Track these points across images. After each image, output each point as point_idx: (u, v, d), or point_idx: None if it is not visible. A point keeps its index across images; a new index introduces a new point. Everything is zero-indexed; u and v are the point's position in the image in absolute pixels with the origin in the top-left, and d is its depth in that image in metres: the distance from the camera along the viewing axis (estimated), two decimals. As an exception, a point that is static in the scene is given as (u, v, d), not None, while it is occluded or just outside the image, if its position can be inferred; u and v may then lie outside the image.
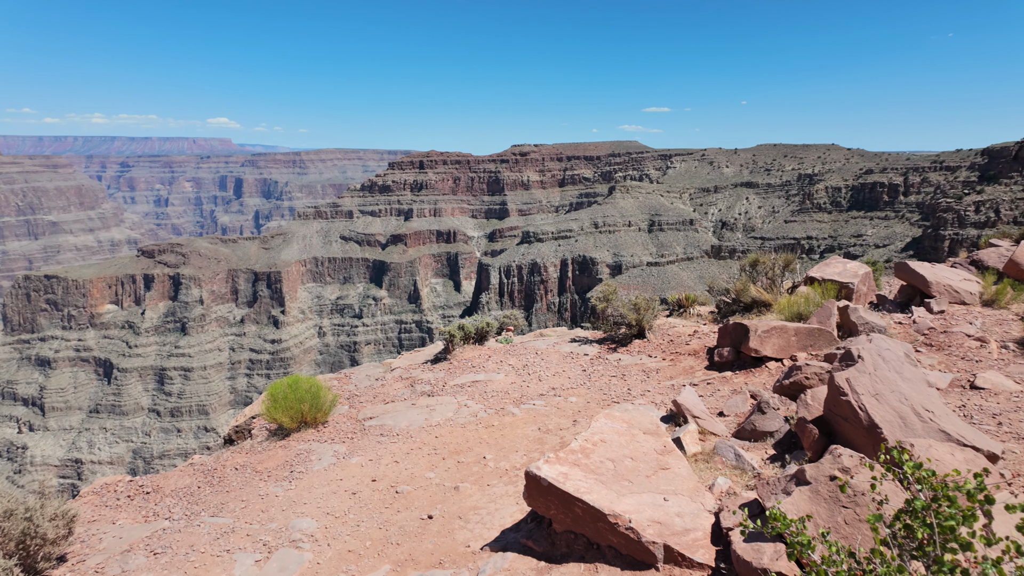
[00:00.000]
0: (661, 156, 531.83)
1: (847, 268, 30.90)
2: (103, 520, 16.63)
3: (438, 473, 17.20)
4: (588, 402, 21.21)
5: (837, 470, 10.10)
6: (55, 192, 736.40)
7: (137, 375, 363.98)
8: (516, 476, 16.31)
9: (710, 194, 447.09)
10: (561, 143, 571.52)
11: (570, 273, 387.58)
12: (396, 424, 21.26)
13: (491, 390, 23.84)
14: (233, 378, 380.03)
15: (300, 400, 20.78)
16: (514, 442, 18.46)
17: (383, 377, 28.14)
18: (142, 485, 18.89)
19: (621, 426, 14.78)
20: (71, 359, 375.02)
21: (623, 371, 24.18)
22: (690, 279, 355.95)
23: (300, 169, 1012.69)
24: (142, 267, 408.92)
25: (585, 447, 13.65)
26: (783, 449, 14.80)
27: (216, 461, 20.05)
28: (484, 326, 29.85)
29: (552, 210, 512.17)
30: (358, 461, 18.65)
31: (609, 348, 27.56)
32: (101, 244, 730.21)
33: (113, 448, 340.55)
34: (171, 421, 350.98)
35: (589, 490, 12.09)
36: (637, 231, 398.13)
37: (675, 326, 29.44)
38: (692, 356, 24.70)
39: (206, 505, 16.96)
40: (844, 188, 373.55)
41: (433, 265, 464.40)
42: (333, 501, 16.30)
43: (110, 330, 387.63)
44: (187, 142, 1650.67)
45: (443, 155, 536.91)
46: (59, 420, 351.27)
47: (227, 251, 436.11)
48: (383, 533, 14.52)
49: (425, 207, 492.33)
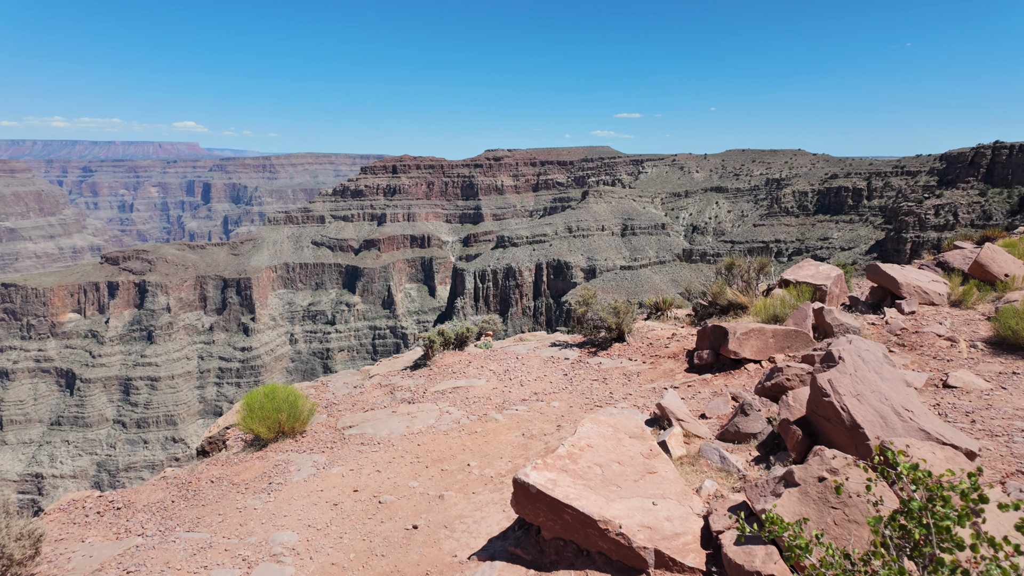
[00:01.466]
0: (633, 161, 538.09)
1: (819, 270, 31.54)
2: (71, 538, 15.95)
3: (421, 482, 16.94)
4: (571, 406, 21.17)
5: (825, 471, 10.20)
6: (12, 198, 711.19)
7: (101, 385, 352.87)
8: (502, 483, 16.15)
9: (681, 199, 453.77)
10: (535, 148, 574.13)
11: (545, 277, 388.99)
12: (377, 432, 20.91)
13: (473, 396, 23.64)
14: (202, 387, 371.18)
15: (277, 409, 20.29)
16: (498, 448, 18.29)
17: (361, 385, 27.70)
18: (112, 500, 18.18)
19: (607, 430, 14.75)
20: (31, 370, 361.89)
21: (604, 375, 24.22)
22: (663, 282, 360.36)
23: (270, 174, 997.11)
24: (106, 274, 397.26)
25: (572, 452, 13.57)
26: (767, 450, 14.95)
27: (190, 474, 19.42)
28: (464, 331, 29.63)
29: (526, 215, 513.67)
30: (339, 471, 18.27)
31: (589, 352, 27.61)
32: (62, 251, 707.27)
33: (76, 461, 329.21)
34: (137, 432, 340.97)
35: (578, 496, 12.01)
36: (610, 235, 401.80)
37: (653, 329, 29.64)
38: (672, 359, 24.88)
39: (181, 520, 16.40)
40: (811, 192, 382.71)
41: (407, 270, 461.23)
42: (314, 513, 15.91)
43: (72, 339, 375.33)
44: (153, 146, 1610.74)
45: (416, 159, 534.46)
46: (18, 433, 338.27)
47: (195, 257, 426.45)
48: (367, 545, 14.22)
49: (399, 212, 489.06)
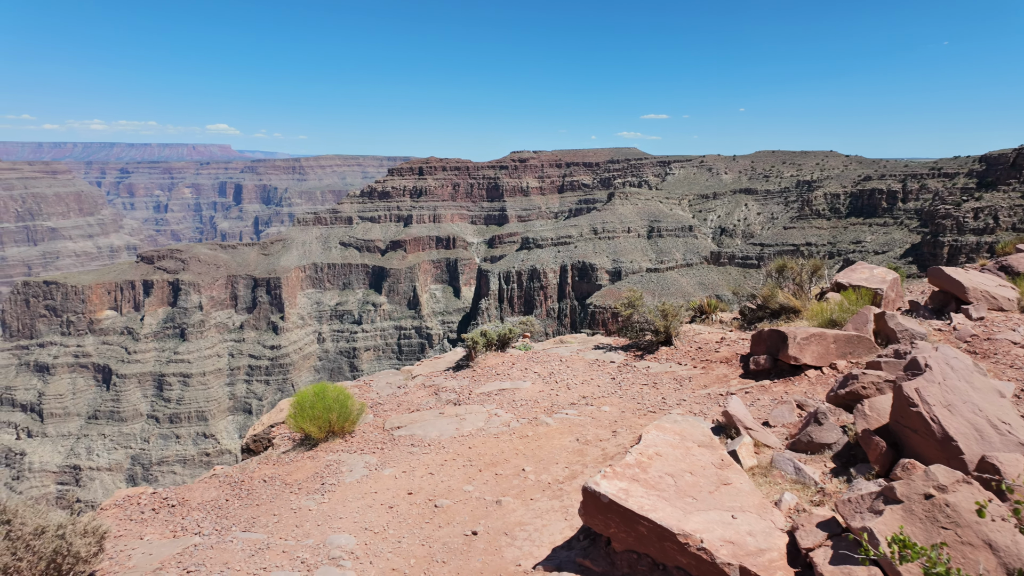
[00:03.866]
0: (660, 163, 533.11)
1: (874, 274, 30.41)
2: (130, 535, 15.97)
3: (476, 486, 16.59)
4: (623, 411, 20.62)
5: (932, 488, 9.52)
6: (54, 198, 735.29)
7: (136, 381, 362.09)
8: (560, 490, 15.71)
9: (709, 200, 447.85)
10: (560, 149, 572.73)
11: (569, 279, 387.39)
12: (426, 434, 20.65)
13: (519, 399, 23.23)
14: (232, 384, 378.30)
15: (327, 409, 20.16)
16: (552, 453, 17.85)
17: (405, 385, 27.51)
18: (166, 498, 18.22)
19: (674, 438, 14.20)
20: (70, 365, 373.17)
21: (654, 379, 23.61)
22: (690, 285, 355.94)
23: (300, 175, 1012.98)
24: (141, 273, 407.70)
25: (641, 461, 13.05)
26: (843, 462, 14.23)
27: (242, 472, 19.39)
28: (507, 332, 29.27)
29: (551, 216, 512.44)
30: (391, 473, 18.03)
31: (635, 355, 26.99)
32: (100, 250, 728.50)
33: (112, 454, 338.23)
34: (170, 427, 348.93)
35: (654, 507, 11.50)
36: (636, 237, 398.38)
37: (700, 333, 28.89)
38: (724, 364, 24.14)
39: (236, 519, 16.32)
40: (843, 195, 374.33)
41: (432, 271, 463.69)
42: (370, 515, 15.67)
43: (109, 336, 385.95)
44: (187, 148, 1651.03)
45: (442, 161, 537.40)
46: (57, 426, 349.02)
47: (226, 257, 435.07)
48: (427, 550, 13.90)
49: (424, 213, 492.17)
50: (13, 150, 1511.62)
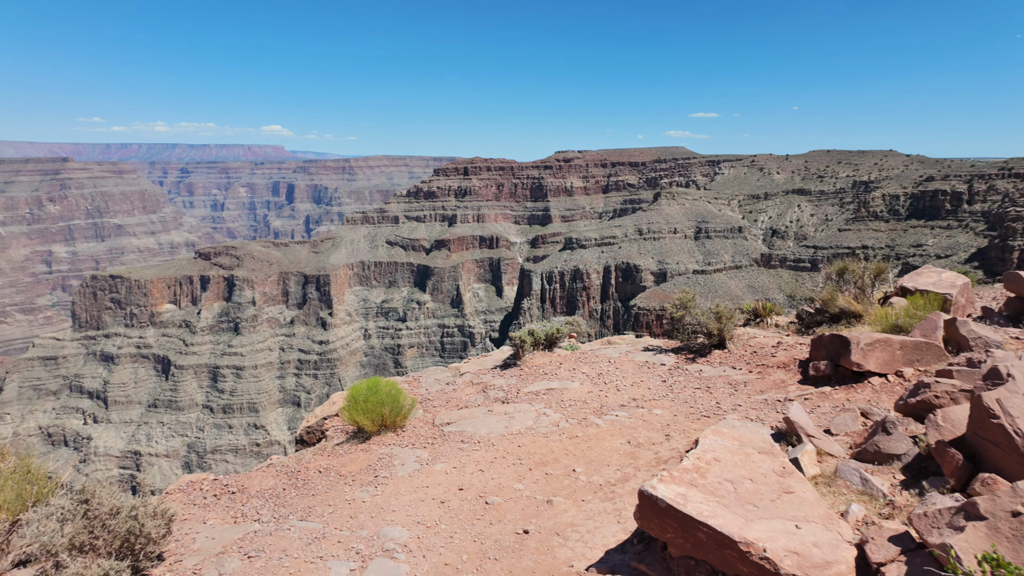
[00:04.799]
0: (709, 162, 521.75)
1: (942, 278, 28.94)
2: (194, 519, 16.63)
3: (527, 485, 16.56)
4: (675, 415, 20.23)
5: (1021, 505, 8.95)
6: (120, 197, 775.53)
7: (192, 372, 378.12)
8: (612, 492, 15.52)
9: (760, 201, 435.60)
10: (605, 149, 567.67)
11: (613, 280, 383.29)
12: (476, 431, 20.76)
13: (568, 399, 23.10)
14: (282, 377, 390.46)
15: (380, 403, 20.53)
16: (603, 455, 17.66)
17: (453, 382, 27.76)
18: (227, 484, 18.90)
19: (732, 444, 13.83)
20: (132, 355, 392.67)
21: (707, 383, 23.07)
22: (739, 288, 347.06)
23: (349, 175, 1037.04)
24: (199, 269, 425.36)
25: (699, 466, 12.76)
26: (914, 474, 13.55)
27: (298, 463, 19.94)
28: (554, 332, 29.16)
29: (595, 217, 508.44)
30: (442, 468, 18.20)
31: (687, 358, 26.45)
32: (161, 246, 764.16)
33: (169, 441, 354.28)
34: (223, 417, 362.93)
35: (713, 514, 11.22)
36: (683, 238, 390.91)
37: (755, 336, 28.08)
38: (781, 369, 23.39)
39: (293, 508, 16.78)
40: (903, 196, 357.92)
41: (475, 270, 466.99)
42: (422, 510, 15.85)
43: (168, 328, 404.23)
44: (242, 149, 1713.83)
45: (487, 161, 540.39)
46: (120, 413, 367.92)
47: (279, 254, 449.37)
48: (479, 547, 13.96)
49: (468, 213, 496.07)
50: (85, 151, 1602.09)
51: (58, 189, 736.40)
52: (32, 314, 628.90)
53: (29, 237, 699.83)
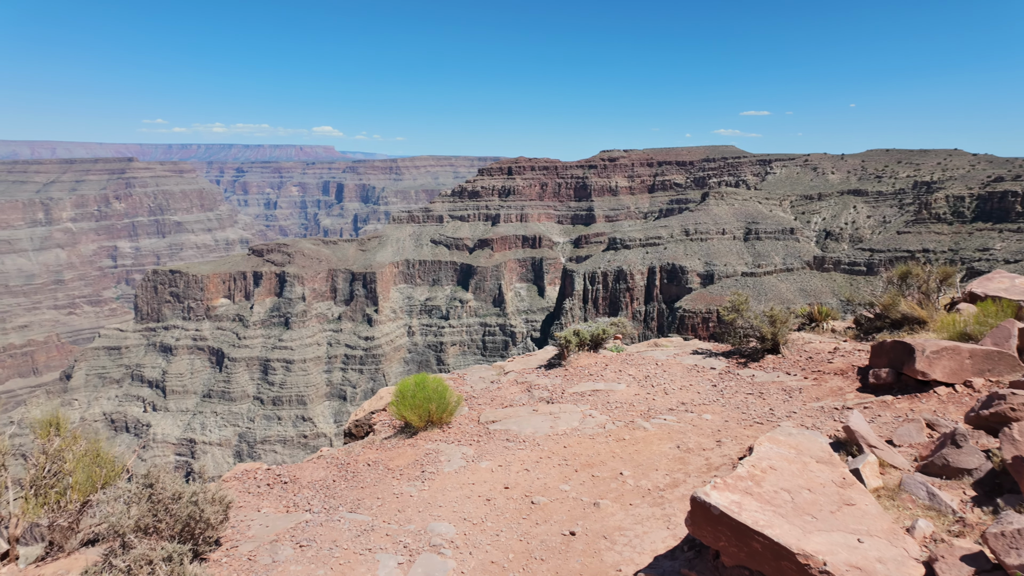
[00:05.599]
0: (760, 161, 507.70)
1: (1015, 284, 27.27)
2: (248, 507, 17.18)
3: (573, 486, 16.44)
4: (726, 421, 19.71)
5: (1113, 529, 8.31)
6: (180, 195, 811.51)
7: (244, 365, 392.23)
8: (661, 497, 15.23)
9: (813, 202, 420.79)
10: (652, 148, 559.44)
11: (658, 281, 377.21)
12: (521, 430, 20.75)
13: (614, 400, 22.82)
14: (329, 371, 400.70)
15: (427, 399, 20.78)
16: (651, 459, 17.36)
17: (498, 380, 27.83)
18: (279, 474, 19.45)
19: (789, 452, 13.37)
20: (189, 347, 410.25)
21: (760, 389, 22.40)
22: (790, 291, 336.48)
23: (396, 175, 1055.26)
24: (252, 265, 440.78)
25: (753, 473, 12.37)
26: (986, 490, 12.78)
27: (347, 455, 20.37)
28: (600, 333, 28.86)
29: (641, 217, 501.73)
30: (487, 466, 18.26)
31: (738, 363, 25.75)
32: (217, 243, 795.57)
33: (222, 431, 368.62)
34: (272, 409, 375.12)
35: (769, 523, 10.85)
36: (732, 239, 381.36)
37: (811, 341, 27.11)
38: (839, 376, 22.49)
39: (343, 500, 17.14)
40: (968, 197, 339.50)
41: (518, 270, 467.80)
42: (468, 506, 15.94)
43: (223, 322, 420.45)
44: (294, 149, 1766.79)
45: (531, 161, 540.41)
46: (177, 402, 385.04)
47: (328, 252, 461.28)
48: (525, 546, 13.93)
49: (512, 212, 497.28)
50: (148, 151, 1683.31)
51: (123, 188, 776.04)
52: (99, 306, 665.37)
53: (97, 233, 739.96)
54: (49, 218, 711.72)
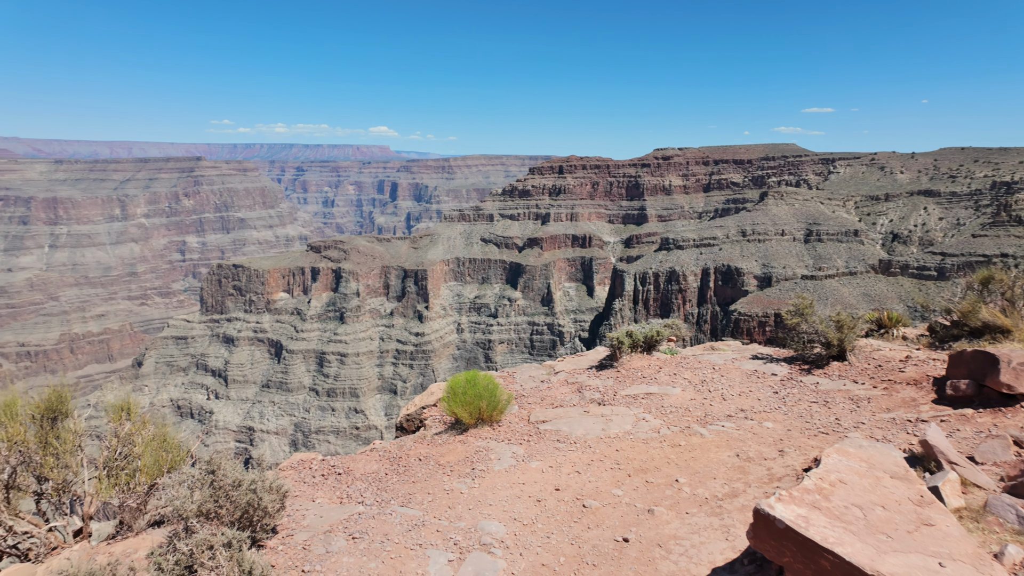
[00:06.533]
0: (822, 160, 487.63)
1: (1116, 292, 25.02)
2: (303, 497, 17.56)
3: (626, 491, 16.03)
4: (788, 430, 18.83)
5: None
6: (244, 193, 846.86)
7: (301, 357, 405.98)
8: (719, 507, 14.65)
9: (879, 203, 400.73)
10: (708, 146, 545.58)
11: (712, 283, 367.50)
12: (572, 431, 20.45)
13: (669, 405, 22.20)
14: (381, 365, 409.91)
15: (478, 396, 20.76)
16: (708, 467, 16.75)
17: (548, 380, 27.58)
18: (333, 465, 19.82)
19: (860, 465, 12.59)
20: (250, 339, 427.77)
21: (824, 397, 21.32)
22: (852, 296, 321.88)
23: (448, 174, 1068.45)
24: (310, 261, 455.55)
25: (821, 487, 11.71)
26: (1086, 518, 11.66)
27: (399, 449, 20.58)
28: (653, 334, 28.18)
29: (695, 216, 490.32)
30: (538, 466, 18.06)
31: (801, 369, 24.62)
32: (278, 239, 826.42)
33: (279, 420, 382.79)
34: (327, 400, 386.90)
35: (840, 541, 10.22)
36: (791, 241, 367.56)
37: (880, 349, 25.66)
38: (912, 386, 21.16)
39: (395, 494, 17.29)
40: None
41: (567, 269, 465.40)
42: (518, 507, 15.78)
43: (281, 315, 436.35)
44: (351, 149, 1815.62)
45: (582, 160, 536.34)
46: (238, 391, 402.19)
47: (381, 249, 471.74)
48: (576, 550, 13.65)
49: (562, 211, 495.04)
50: (215, 151, 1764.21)
51: (192, 185, 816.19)
52: (168, 297, 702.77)
53: (167, 228, 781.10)
54: (125, 214, 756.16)
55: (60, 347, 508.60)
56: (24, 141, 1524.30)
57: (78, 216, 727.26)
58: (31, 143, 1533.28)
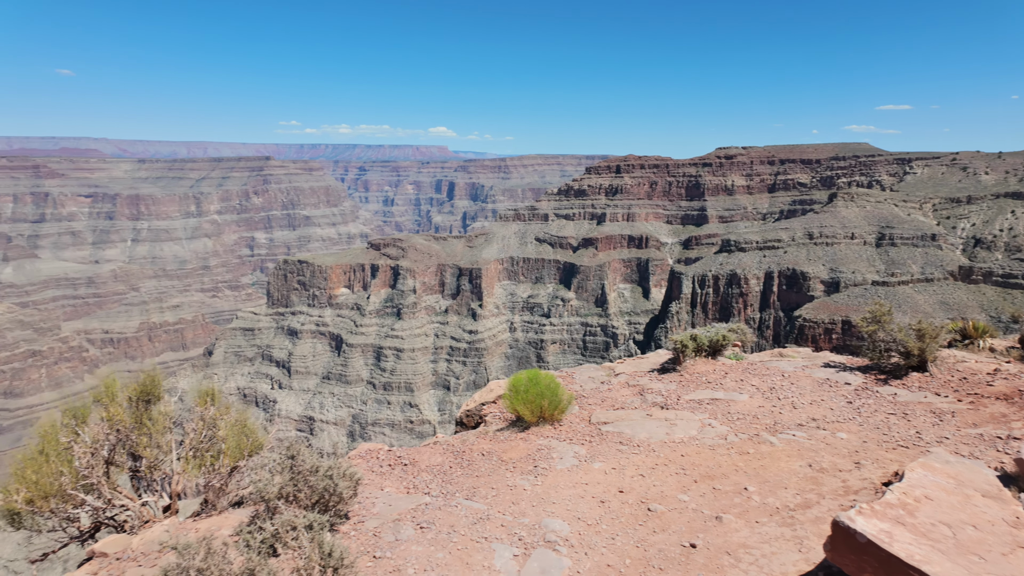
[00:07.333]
0: (897, 160, 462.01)
1: None
2: (372, 485, 18.19)
3: (692, 497, 15.83)
4: (864, 441, 18.08)
5: None
6: (309, 191, 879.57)
7: (360, 351, 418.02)
8: (791, 517, 14.26)
9: (961, 205, 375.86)
10: (773, 145, 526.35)
11: (775, 287, 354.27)
12: (635, 434, 20.31)
13: (735, 411, 21.70)
14: (435, 361, 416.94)
15: (540, 395, 20.92)
16: (779, 476, 16.31)
17: (608, 381, 27.44)
18: (400, 456, 20.43)
19: (947, 482, 12.00)
20: (312, 332, 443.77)
21: (903, 409, 20.33)
22: (928, 304, 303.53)
23: (504, 174, 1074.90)
24: (370, 258, 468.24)
25: (905, 502, 11.24)
26: None
27: (462, 444, 21.00)
28: (719, 339, 27.57)
29: (758, 218, 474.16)
30: (600, 467, 18.05)
31: (877, 379, 23.55)
32: (340, 236, 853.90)
33: (338, 411, 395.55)
34: (383, 394, 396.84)
35: (927, 559, 9.80)
36: (861, 244, 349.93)
37: (964, 360, 24.22)
38: (1002, 401, 19.90)
39: (459, 487, 17.67)
40: None
41: (622, 270, 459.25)
42: (582, 506, 15.84)
43: (342, 310, 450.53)
44: (411, 149, 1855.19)
45: (640, 159, 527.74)
46: (300, 382, 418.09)
47: (438, 247, 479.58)
48: (642, 553, 13.60)
49: (618, 211, 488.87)
50: (283, 151, 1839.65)
51: (261, 184, 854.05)
52: (237, 290, 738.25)
53: (238, 225, 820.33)
54: (199, 210, 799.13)
55: (139, 335, 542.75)
56: (112, 142, 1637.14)
57: (158, 212, 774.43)
58: (118, 143, 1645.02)
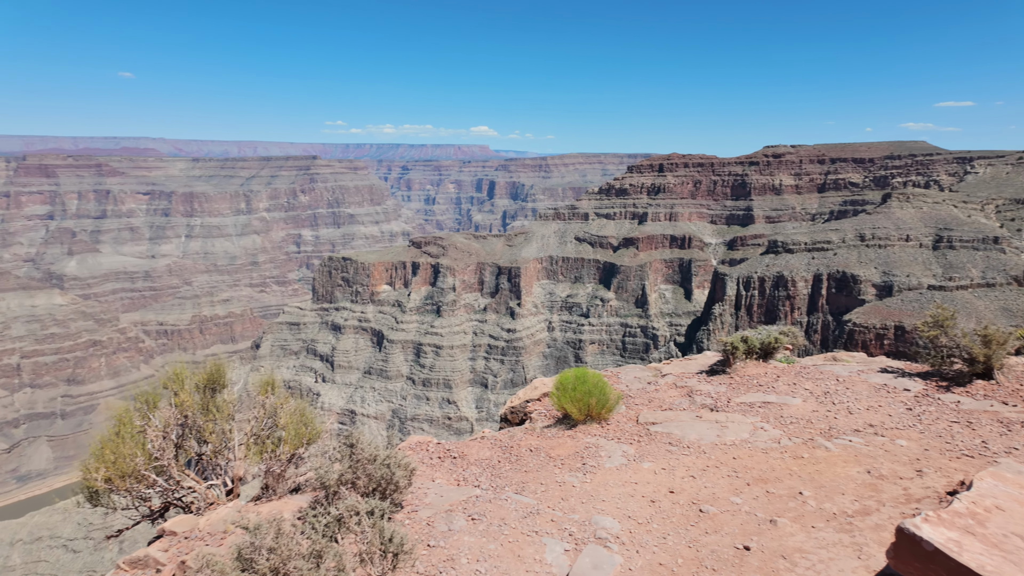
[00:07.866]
0: (957, 159, 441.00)
1: None
2: (424, 476, 18.64)
3: (745, 500, 15.67)
4: (926, 449, 17.52)
5: None
6: (354, 190, 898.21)
7: (400, 347, 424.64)
8: (849, 523, 13.98)
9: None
10: (824, 144, 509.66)
11: (824, 290, 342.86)
12: (684, 435, 20.19)
13: (788, 415, 21.30)
14: (473, 359, 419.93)
15: (588, 393, 21.02)
16: (835, 482, 15.99)
17: (655, 382, 27.28)
18: (449, 449, 20.85)
19: (1019, 492, 11.59)
20: (355, 327, 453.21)
21: (968, 417, 19.59)
22: (989, 310, 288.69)
23: (544, 173, 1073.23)
24: (411, 256, 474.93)
25: (975, 511, 10.91)
26: None
27: (510, 439, 21.28)
28: (771, 341, 27.06)
29: (807, 218, 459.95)
30: (650, 467, 18.03)
31: (938, 386, 22.72)
32: (383, 234, 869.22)
33: (378, 405, 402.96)
34: (422, 390, 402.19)
35: (999, 571, 9.52)
36: (917, 247, 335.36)
37: (1035, 370, 23.10)
38: (1077, 413, 18.95)
39: (508, 481, 17.94)
40: None
41: (664, 271, 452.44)
42: (632, 505, 15.88)
43: (384, 307, 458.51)
44: (453, 148, 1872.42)
45: (684, 158, 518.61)
46: (342, 376, 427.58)
47: (477, 246, 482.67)
48: (694, 554, 13.58)
49: (660, 211, 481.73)
50: (329, 151, 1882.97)
51: (308, 182, 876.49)
52: (284, 286, 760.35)
53: (285, 222, 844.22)
54: (249, 208, 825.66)
55: (191, 327, 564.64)
56: (169, 141, 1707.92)
57: (210, 209, 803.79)
58: (174, 143, 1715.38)
